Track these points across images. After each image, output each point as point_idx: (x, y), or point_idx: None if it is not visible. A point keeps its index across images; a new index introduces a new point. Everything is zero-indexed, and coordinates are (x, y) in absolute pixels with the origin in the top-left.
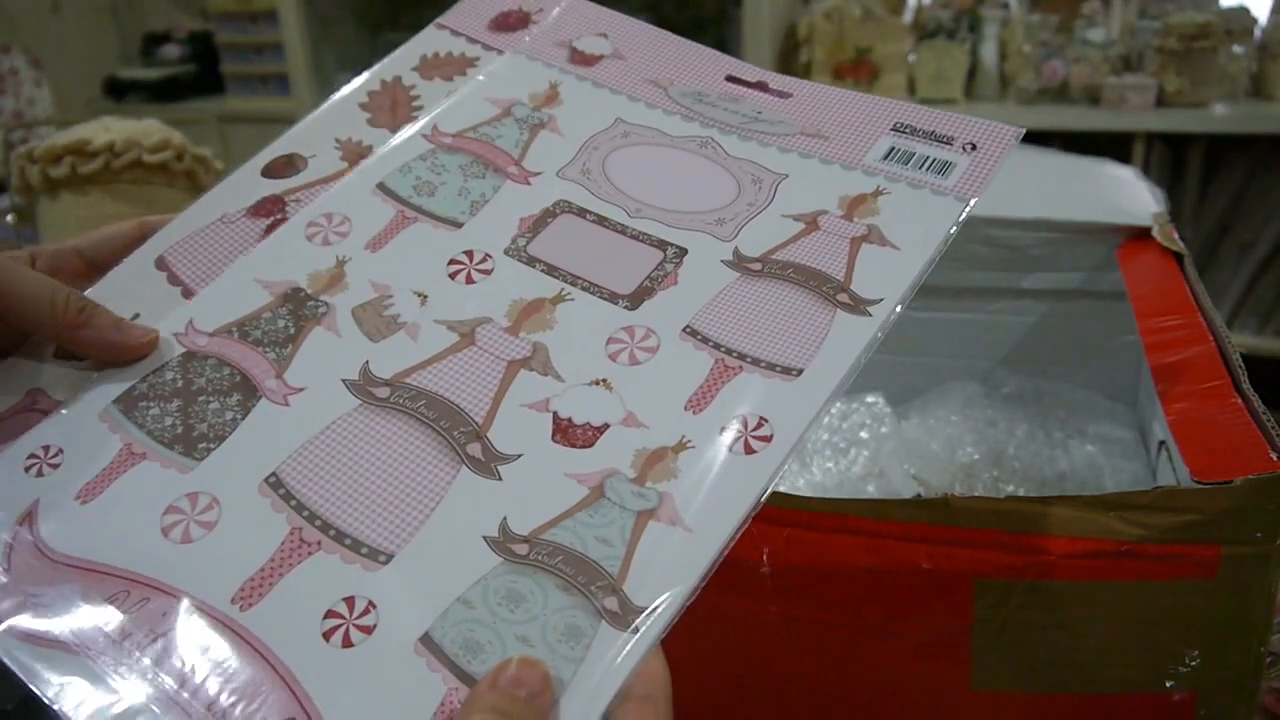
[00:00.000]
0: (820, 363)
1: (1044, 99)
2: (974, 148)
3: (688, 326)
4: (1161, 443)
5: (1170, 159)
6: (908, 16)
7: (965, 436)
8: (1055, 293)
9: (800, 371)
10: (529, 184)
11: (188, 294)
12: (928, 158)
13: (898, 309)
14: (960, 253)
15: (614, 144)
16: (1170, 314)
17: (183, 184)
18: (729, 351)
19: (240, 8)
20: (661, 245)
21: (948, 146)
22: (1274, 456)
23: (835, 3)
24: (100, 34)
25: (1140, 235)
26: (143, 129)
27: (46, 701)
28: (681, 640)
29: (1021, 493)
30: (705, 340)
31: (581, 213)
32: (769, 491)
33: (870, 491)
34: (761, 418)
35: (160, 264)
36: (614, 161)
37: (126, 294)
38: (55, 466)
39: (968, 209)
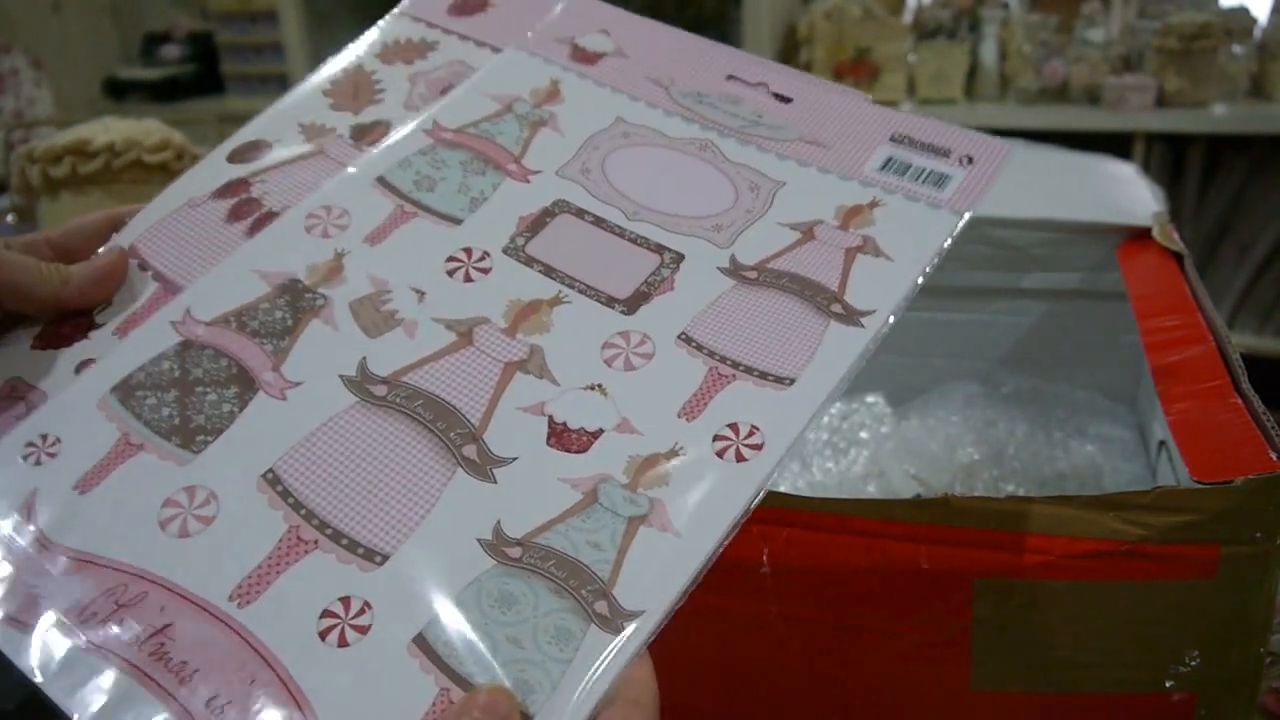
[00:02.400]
0: (812, 373)
1: (1044, 99)
2: (970, 161)
3: (683, 333)
4: (1161, 443)
5: (1170, 159)
6: (908, 16)
7: (965, 436)
8: (1055, 293)
9: (793, 381)
10: (528, 182)
11: (159, 278)
12: (924, 170)
13: (891, 320)
14: (960, 253)
15: (614, 144)
16: (1170, 314)
17: None
18: (723, 359)
19: (240, 8)
20: (659, 250)
21: (945, 159)
22: (1274, 456)
23: (835, 3)
24: (100, 34)
25: (1140, 235)
26: (143, 129)
27: (43, 692)
28: (681, 641)
29: (1021, 493)
30: (700, 348)
31: (580, 213)
32: (759, 498)
33: (870, 491)
34: (753, 426)
35: (131, 252)
36: (613, 162)
37: None
38: (53, 455)
39: (963, 222)
